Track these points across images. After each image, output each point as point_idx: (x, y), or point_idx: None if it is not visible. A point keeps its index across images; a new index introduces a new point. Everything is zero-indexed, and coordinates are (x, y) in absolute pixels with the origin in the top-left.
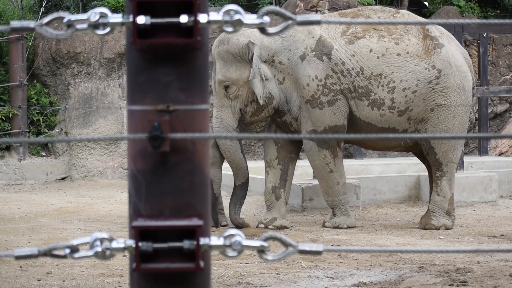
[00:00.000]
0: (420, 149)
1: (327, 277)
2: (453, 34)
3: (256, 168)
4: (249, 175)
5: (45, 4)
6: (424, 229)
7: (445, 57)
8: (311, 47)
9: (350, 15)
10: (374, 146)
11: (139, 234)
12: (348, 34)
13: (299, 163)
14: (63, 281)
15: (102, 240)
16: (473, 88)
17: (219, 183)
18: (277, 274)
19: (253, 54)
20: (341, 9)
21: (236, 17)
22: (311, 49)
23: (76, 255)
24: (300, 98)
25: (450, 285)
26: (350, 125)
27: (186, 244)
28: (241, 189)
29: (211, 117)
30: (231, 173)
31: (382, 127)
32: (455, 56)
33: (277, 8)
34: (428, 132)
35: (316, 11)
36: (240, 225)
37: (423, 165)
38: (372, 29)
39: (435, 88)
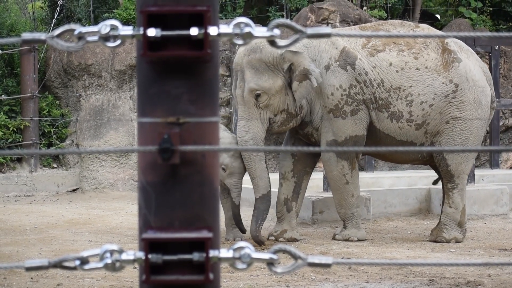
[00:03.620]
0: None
1: None
2: None
3: None
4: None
5: (57, 16)
6: (435, 241)
7: (462, 72)
8: (335, 57)
9: (370, 29)
10: (393, 159)
11: (149, 246)
12: (368, 47)
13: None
14: None
15: (112, 252)
16: (493, 102)
17: (238, 191)
18: (287, 286)
19: (291, 63)
20: (352, 22)
21: (246, 29)
22: (335, 59)
23: (86, 266)
24: (322, 108)
25: None
26: (370, 136)
27: (196, 256)
28: (262, 202)
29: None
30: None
31: (401, 140)
32: (473, 71)
33: (287, 21)
34: (442, 145)
35: (327, 24)
36: (259, 243)
37: (434, 179)
38: (392, 43)
39: (451, 102)
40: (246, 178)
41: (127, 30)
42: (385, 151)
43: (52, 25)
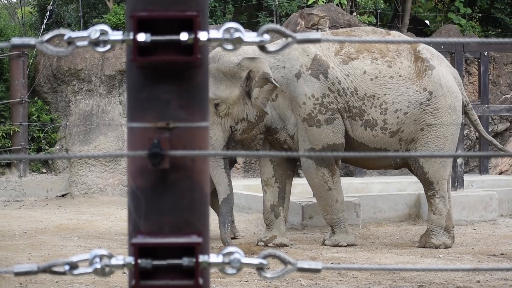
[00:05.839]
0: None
1: None
2: (453, 53)
3: (256, 186)
4: (249, 193)
5: (46, 21)
6: (424, 248)
7: (436, 79)
8: (307, 65)
9: (342, 35)
10: (365, 165)
11: (139, 251)
12: (341, 54)
13: (299, 181)
14: None
15: (101, 257)
16: (465, 106)
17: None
18: None
19: (249, 70)
20: (342, 27)
21: (236, 35)
22: (306, 67)
23: (76, 271)
24: (296, 116)
25: None
26: (344, 144)
27: (185, 261)
28: (223, 206)
29: None
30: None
31: (374, 148)
32: (446, 77)
33: (277, 26)
34: (417, 152)
35: (317, 29)
36: (229, 244)
37: None
38: (365, 50)
39: (426, 109)
40: (237, 184)
41: (117, 35)
42: (369, 157)
43: (42, 30)
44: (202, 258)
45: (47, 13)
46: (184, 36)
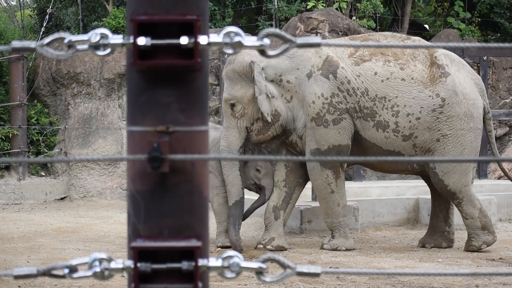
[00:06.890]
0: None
1: None
2: None
3: None
4: (247, 197)
5: (46, 24)
6: (468, 251)
7: (450, 86)
8: (318, 65)
9: (359, 39)
10: (381, 168)
11: (138, 254)
12: (355, 56)
13: None
14: None
15: (100, 260)
16: (488, 112)
17: (271, 190)
18: None
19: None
20: (341, 32)
21: (236, 39)
22: (317, 68)
23: (75, 275)
24: (305, 116)
25: None
26: (356, 144)
27: (185, 265)
28: (235, 208)
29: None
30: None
31: (388, 150)
32: (463, 84)
33: (277, 30)
34: (435, 163)
35: (316, 33)
36: (239, 250)
37: (422, 188)
38: (379, 53)
39: (439, 117)
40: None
41: (117, 39)
42: (370, 161)
43: (41, 33)
44: (201, 262)
45: (47, 16)
46: (184, 40)
